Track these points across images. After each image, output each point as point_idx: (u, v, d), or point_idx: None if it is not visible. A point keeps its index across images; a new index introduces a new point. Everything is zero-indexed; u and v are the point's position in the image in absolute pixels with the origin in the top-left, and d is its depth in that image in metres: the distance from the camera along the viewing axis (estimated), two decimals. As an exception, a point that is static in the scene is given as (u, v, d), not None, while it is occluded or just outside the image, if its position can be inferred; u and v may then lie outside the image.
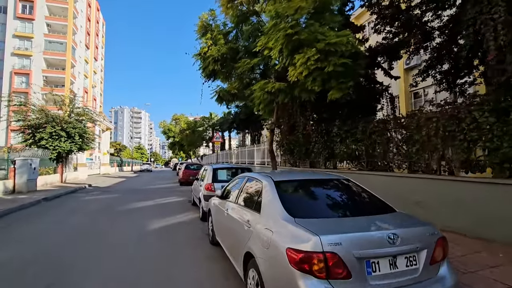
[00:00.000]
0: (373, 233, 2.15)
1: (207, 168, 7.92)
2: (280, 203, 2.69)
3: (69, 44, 47.38)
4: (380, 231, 2.17)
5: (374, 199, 2.94)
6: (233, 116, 21.84)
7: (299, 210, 2.61)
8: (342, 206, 2.85)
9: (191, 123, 31.87)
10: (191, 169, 17.51)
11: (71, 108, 17.18)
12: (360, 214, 2.61)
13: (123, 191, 14.35)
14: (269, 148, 8.55)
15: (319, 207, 2.80)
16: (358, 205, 2.91)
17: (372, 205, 2.84)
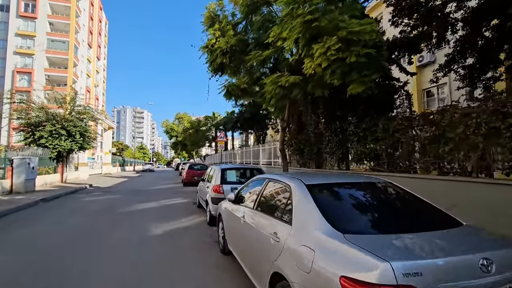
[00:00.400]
0: (461, 258, 1.59)
1: (214, 168, 7.37)
2: (319, 213, 2.13)
3: (72, 43, 47.10)
4: (469, 255, 1.61)
5: (431, 208, 2.38)
6: (237, 115, 21.32)
7: (346, 222, 2.07)
8: (397, 217, 2.29)
9: (194, 122, 31.27)
10: (195, 169, 16.99)
11: (72, 106, 16.72)
12: (423, 228, 2.04)
13: (125, 191, 13.85)
14: (280, 148, 8.01)
15: (370, 219, 2.24)
16: (417, 216, 2.34)
17: (433, 216, 2.28)
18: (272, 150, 16.90)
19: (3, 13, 44.60)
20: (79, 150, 17.27)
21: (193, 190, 14.20)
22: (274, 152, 15.52)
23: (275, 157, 15.32)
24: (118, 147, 73.22)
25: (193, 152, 37.72)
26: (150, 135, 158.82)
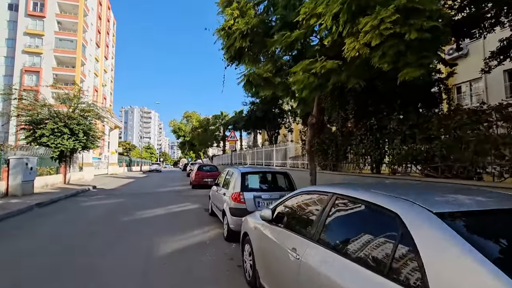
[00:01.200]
0: None
1: (232, 172, 6.23)
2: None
3: (80, 42, 46.82)
4: None
5: None
6: (248, 114, 20.19)
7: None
8: None
9: (203, 121, 30.16)
10: (204, 171, 15.94)
11: (75, 104, 15.85)
12: None
13: (130, 194, 12.86)
14: (308, 149, 6.85)
15: None
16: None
17: None
18: (286, 151, 15.75)
19: (12, 12, 44.61)
20: (83, 150, 16.38)
21: (203, 194, 13.16)
22: (295, 153, 14.35)
23: (294, 159, 14.12)
24: (126, 147, 73.01)
25: (201, 152, 36.71)
26: (157, 135, 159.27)
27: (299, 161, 13.47)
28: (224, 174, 6.99)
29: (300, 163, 13.12)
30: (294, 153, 14.70)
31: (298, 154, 14.63)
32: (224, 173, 7.06)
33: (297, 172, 11.96)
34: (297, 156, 14.36)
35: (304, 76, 5.66)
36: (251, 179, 5.66)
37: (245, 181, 5.60)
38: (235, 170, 6.14)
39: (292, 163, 14.13)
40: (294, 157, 15.13)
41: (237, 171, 5.86)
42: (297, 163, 13.54)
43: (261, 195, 5.41)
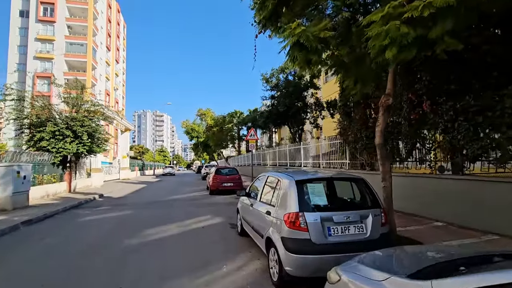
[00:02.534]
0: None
1: (278, 179, 4.17)
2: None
3: (90, 46, 46.23)
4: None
5: None
6: (268, 109, 18.17)
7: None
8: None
9: (218, 120, 28.14)
10: (223, 174, 14.00)
11: (79, 103, 14.29)
12: None
13: (139, 204, 11.10)
14: (379, 142, 4.76)
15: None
16: None
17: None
18: (313, 149, 13.63)
19: (23, 19, 44.50)
20: (89, 154, 14.82)
21: (223, 201, 11.23)
22: (328, 149, 12.21)
23: (325, 156, 11.99)
24: (139, 151, 72.57)
25: (215, 153, 34.93)
26: (170, 138, 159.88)
27: (336, 160, 11.33)
28: (261, 182, 4.97)
29: (339, 162, 10.97)
30: (328, 149, 12.55)
31: (327, 151, 12.50)
32: (261, 180, 5.05)
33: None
34: (328, 153, 12.24)
35: (391, 27, 3.57)
36: (314, 191, 3.61)
37: (304, 194, 3.56)
38: (282, 175, 4.11)
39: (327, 163, 12.00)
40: (324, 154, 13.02)
41: (287, 178, 3.83)
42: (334, 162, 11.39)
43: (332, 217, 3.38)
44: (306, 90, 17.05)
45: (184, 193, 15.20)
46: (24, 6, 44.41)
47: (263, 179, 4.88)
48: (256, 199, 4.81)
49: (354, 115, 9.46)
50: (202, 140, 33.86)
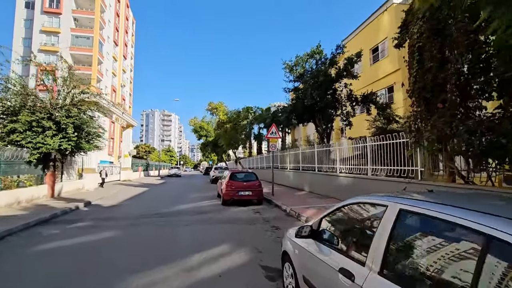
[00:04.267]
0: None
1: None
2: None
3: (96, 39, 44.34)
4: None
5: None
6: (291, 104, 15.33)
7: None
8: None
9: (232, 115, 25.08)
10: (239, 180, 11.22)
11: (66, 88, 11.75)
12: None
13: (132, 218, 8.42)
14: None
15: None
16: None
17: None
18: (370, 150, 10.73)
19: (28, 10, 42.93)
20: (78, 151, 12.26)
21: (242, 217, 8.42)
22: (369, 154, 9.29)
23: (376, 161, 8.91)
24: (145, 150, 70.59)
25: (224, 154, 32.16)
26: (178, 138, 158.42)
27: (387, 165, 8.40)
28: (355, 214, 2.15)
29: (399, 170, 8.02)
30: (371, 152, 9.63)
31: (369, 154, 9.52)
32: (355, 212, 2.23)
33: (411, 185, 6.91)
34: (375, 156, 9.34)
35: None
36: None
37: None
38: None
39: (373, 169, 9.08)
40: (362, 157, 10.16)
41: None
42: (386, 169, 8.44)
43: None
44: (339, 80, 14.17)
45: (190, 201, 12.47)
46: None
47: (360, 211, 2.07)
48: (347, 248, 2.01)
49: (439, 102, 6.49)
50: (211, 139, 31.18)
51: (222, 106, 24.19)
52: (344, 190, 10.75)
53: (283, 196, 12.81)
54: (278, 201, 11.06)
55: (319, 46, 14.22)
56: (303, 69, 15.07)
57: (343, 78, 14.13)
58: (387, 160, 8.82)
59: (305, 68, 15.12)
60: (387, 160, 8.77)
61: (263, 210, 10.00)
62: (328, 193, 11.94)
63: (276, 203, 10.93)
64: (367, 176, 9.41)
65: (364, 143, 9.80)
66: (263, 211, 9.69)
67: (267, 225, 7.45)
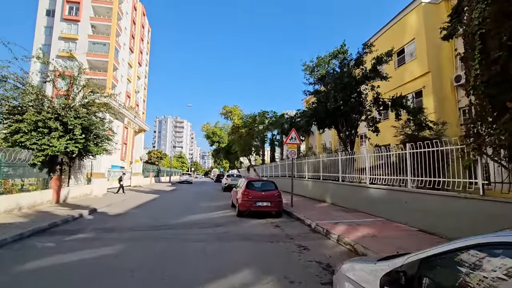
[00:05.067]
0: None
1: None
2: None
3: (112, 45, 44.97)
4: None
5: None
6: (313, 108, 14.26)
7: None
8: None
9: (248, 120, 24.04)
10: (257, 189, 10.16)
11: (76, 88, 11.18)
12: None
13: (138, 229, 7.51)
14: None
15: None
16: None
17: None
18: (410, 159, 9.51)
19: (49, 18, 44.07)
20: (86, 155, 11.57)
21: (262, 233, 7.24)
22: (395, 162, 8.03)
23: (416, 171, 7.62)
24: (157, 156, 70.66)
25: (237, 161, 31.17)
26: (189, 144, 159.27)
27: (431, 177, 7.16)
28: None
29: (453, 182, 6.75)
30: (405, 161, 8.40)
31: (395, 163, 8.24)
32: None
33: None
34: (411, 166, 8.10)
35: None
36: None
37: None
38: None
39: (414, 180, 7.82)
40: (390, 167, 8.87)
41: None
42: (431, 181, 7.18)
43: None
44: (366, 82, 13.05)
45: (202, 210, 11.48)
46: (50, 5, 44.07)
47: None
48: None
49: (508, 100, 5.28)
50: (224, 146, 30.37)
51: (237, 110, 23.19)
52: (375, 203, 9.50)
53: (304, 208, 11.65)
54: (299, 214, 9.93)
55: (344, 46, 13.17)
56: (324, 70, 14.04)
57: (369, 80, 13.00)
58: (429, 171, 7.60)
59: (327, 69, 14.08)
60: (429, 170, 7.54)
61: (283, 224, 8.89)
62: (354, 206, 10.70)
63: (297, 216, 9.79)
64: (406, 189, 8.16)
65: (402, 150, 8.59)
66: (284, 226, 8.58)
67: (292, 244, 6.34)
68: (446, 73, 17.11)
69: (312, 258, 5.30)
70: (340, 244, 6.47)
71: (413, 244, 5.87)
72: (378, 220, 8.69)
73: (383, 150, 9.64)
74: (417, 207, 7.64)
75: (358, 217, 9.20)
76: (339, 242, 6.60)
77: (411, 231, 7.32)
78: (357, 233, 7.07)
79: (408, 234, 6.93)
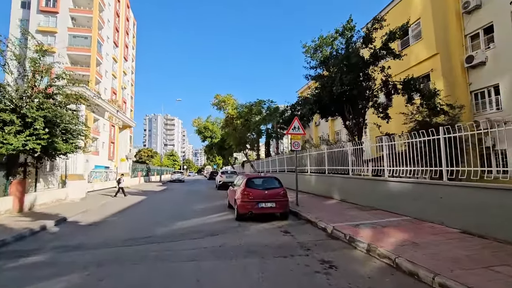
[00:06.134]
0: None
1: None
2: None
3: (95, 38, 42.41)
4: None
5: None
6: (316, 94, 12.74)
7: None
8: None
9: (243, 110, 21.40)
10: (258, 188, 8.64)
11: (38, 74, 9.37)
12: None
13: (111, 246, 5.91)
14: None
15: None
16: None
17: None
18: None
19: (24, 10, 41.18)
20: (54, 153, 9.80)
21: (269, 243, 5.52)
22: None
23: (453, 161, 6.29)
24: (148, 154, 68.33)
25: (231, 157, 29.47)
26: (181, 142, 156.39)
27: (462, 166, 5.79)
28: None
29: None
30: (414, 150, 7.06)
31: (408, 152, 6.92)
32: None
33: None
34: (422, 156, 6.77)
35: None
36: None
37: None
38: None
39: (448, 171, 6.42)
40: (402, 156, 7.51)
41: None
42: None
43: None
44: (376, 62, 11.60)
45: (195, 214, 9.91)
46: (25, -3, 41.16)
47: None
48: None
49: None
50: (217, 141, 28.55)
51: (231, 99, 21.10)
52: (396, 199, 8.11)
53: (311, 206, 10.21)
54: (308, 214, 8.47)
55: (351, 21, 11.62)
56: (328, 52, 12.52)
57: (379, 60, 11.56)
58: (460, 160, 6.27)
59: (331, 51, 12.58)
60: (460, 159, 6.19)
61: (292, 228, 7.42)
62: (370, 203, 9.31)
63: (306, 217, 8.33)
64: (441, 182, 6.75)
65: (432, 136, 7.17)
66: (294, 230, 7.11)
67: (312, 259, 4.86)
68: (455, 54, 15.83)
69: (347, 283, 3.83)
70: (373, 256, 5.03)
71: (474, 255, 4.47)
72: (404, 220, 7.30)
73: (406, 136, 8.23)
74: (456, 204, 6.27)
75: (379, 217, 7.80)
76: (370, 253, 5.16)
77: (453, 233, 5.94)
78: (389, 239, 5.65)
79: (453, 239, 5.54)
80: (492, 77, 14.18)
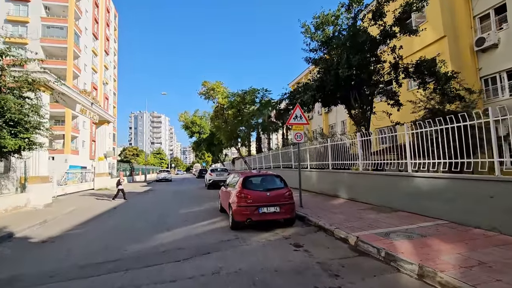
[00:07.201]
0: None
1: None
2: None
3: (71, 29, 39.50)
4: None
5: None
6: (319, 78, 11.20)
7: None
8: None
9: (235, 98, 18.63)
10: (258, 189, 7.03)
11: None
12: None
13: (60, 281, 4.16)
14: None
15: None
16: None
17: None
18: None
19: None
20: (2, 152, 7.87)
21: (276, 265, 3.73)
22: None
23: None
24: (133, 153, 65.50)
25: (221, 154, 27.65)
26: (168, 140, 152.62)
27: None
28: None
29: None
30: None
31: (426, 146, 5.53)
32: None
33: None
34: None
35: None
36: None
37: None
38: None
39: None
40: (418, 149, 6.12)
41: None
42: None
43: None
44: (387, 41, 10.17)
45: (181, 222, 8.22)
46: (-8, -17, 37.67)
47: None
48: None
49: None
50: (205, 136, 26.74)
51: (221, 87, 19.00)
52: (425, 199, 6.70)
53: (317, 207, 8.73)
54: (318, 219, 6.97)
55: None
56: (330, 31, 11.00)
57: (391, 38, 10.13)
58: None
59: (334, 29, 11.06)
60: None
61: (303, 239, 5.89)
62: (389, 203, 7.90)
63: (317, 223, 6.82)
64: (491, 177, 5.35)
65: (479, 119, 5.75)
66: (306, 242, 5.59)
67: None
68: (464, 37, 14.67)
69: None
70: (431, 285, 3.55)
71: None
72: (442, 225, 5.89)
73: (436, 122, 6.82)
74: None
75: (406, 221, 6.37)
76: (425, 280, 3.68)
77: (518, 244, 4.56)
78: (440, 255, 4.19)
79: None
80: (506, 60, 13.08)
